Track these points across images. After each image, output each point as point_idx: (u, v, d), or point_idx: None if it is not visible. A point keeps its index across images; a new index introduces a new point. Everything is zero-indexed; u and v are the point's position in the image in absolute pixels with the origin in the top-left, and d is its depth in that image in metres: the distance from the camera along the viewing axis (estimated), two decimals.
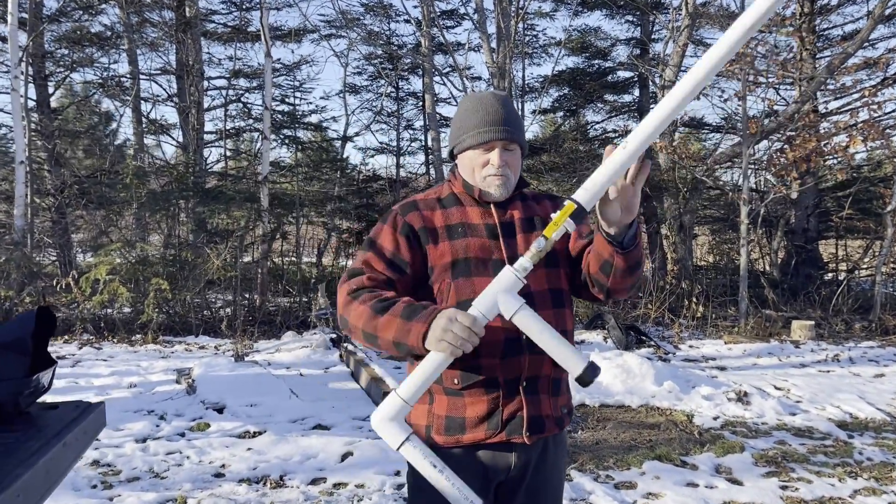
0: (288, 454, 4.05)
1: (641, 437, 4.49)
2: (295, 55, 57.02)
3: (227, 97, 13.43)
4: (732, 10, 11.97)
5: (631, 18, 14.27)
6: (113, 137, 15.94)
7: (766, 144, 10.32)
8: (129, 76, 12.49)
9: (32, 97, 11.15)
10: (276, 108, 13.33)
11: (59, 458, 1.56)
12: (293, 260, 11.19)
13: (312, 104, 25.46)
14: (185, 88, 11.70)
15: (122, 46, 12.40)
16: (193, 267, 8.33)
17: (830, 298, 9.49)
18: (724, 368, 6.64)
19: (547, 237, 1.46)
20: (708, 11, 11.83)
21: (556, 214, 1.46)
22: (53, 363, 1.72)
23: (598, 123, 16.09)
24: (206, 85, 12.50)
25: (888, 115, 10.07)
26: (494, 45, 11.37)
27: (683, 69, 12.26)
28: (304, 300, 9.33)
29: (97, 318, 7.91)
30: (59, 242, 9.90)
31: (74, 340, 7.52)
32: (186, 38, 11.10)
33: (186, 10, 11.48)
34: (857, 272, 11.33)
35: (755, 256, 12.17)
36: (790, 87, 11.65)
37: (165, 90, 13.03)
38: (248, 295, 9.29)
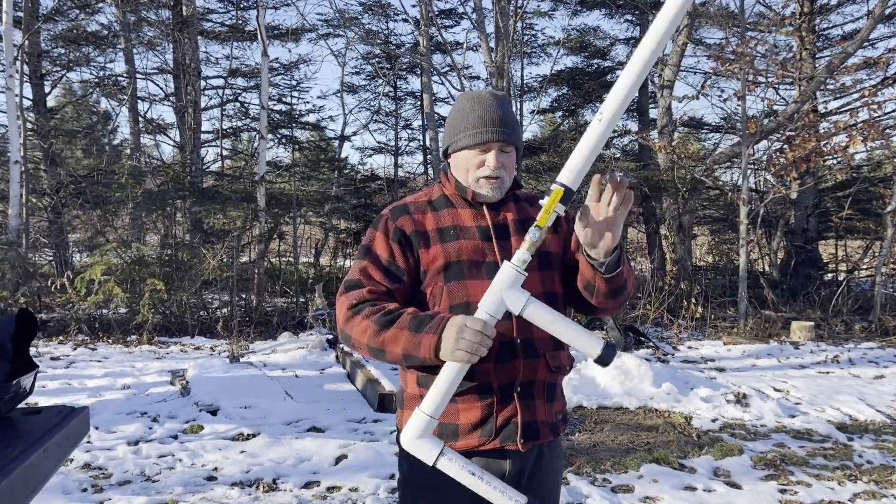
0: (281, 457, 4.01)
1: (639, 439, 4.45)
2: (292, 54, 56.96)
3: (222, 97, 13.38)
4: (731, 9, 11.94)
5: (630, 18, 14.22)
6: (112, 137, 15.89)
7: (765, 144, 10.29)
8: (125, 75, 12.44)
9: (29, 96, 11.12)
10: (273, 107, 13.28)
11: (39, 464, 1.52)
12: (290, 260, 11.15)
13: (310, 104, 25.31)
14: (181, 88, 11.65)
15: (118, 45, 12.35)
16: (189, 267, 8.29)
17: (830, 299, 9.46)
18: (723, 370, 6.60)
19: (541, 226, 1.44)
20: (707, 11, 11.80)
21: (545, 201, 1.44)
22: (35, 367, 1.68)
23: None
24: (203, 84, 12.45)
25: (888, 114, 10.04)
26: (493, 44, 11.32)
27: (683, 69, 12.25)
28: (301, 301, 9.29)
29: (92, 318, 7.86)
30: (55, 242, 9.85)
31: (69, 341, 7.47)
32: (183, 36, 11.05)
33: (183, 8, 11.43)
34: (856, 273, 11.30)
35: (754, 257, 12.14)
36: (790, 86, 11.63)
37: (162, 89, 12.99)
38: (244, 295, 9.25)
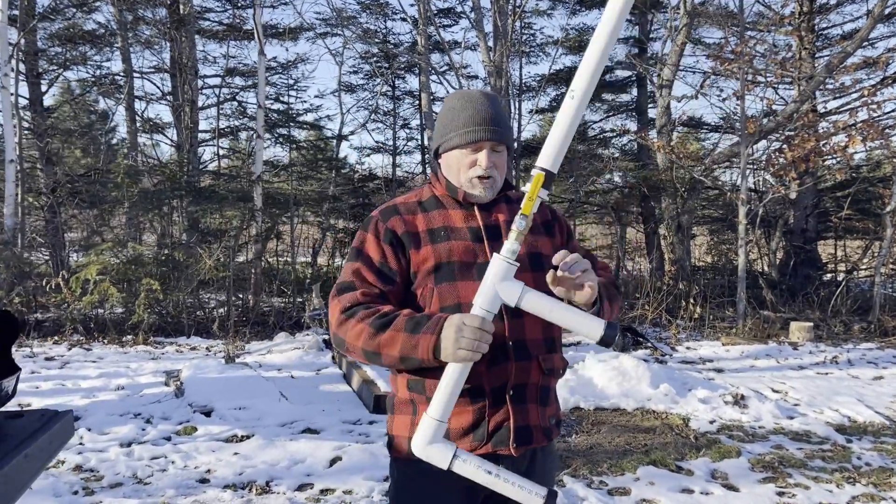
0: (275, 459, 3.97)
1: (636, 441, 4.41)
2: (290, 53, 56.81)
3: (219, 96, 13.33)
4: (731, 8, 11.91)
5: (629, 17, 14.14)
6: (111, 136, 15.83)
7: (764, 144, 10.26)
8: (122, 74, 12.40)
9: (25, 95, 11.08)
10: (270, 106, 13.25)
11: (19, 469, 1.49)
12: (287, 260, 11.11)
13: (307, 103, 25.27)
14: (178, 87, 11.60)
15: (115, 44, 12.30)
16: (186, 267, 8.25)
17: (829, 299, 9.42)
18: (721, 370, 6.56)
19: (526, 214, 1.42)
20: (706, 10, 11.76)
21: (527, 188, 1.43)
22: (17, 370, 1.65)
23: (595, 123, 16.05)
24: (200, 83, 12.41)
25: (887, 114, 10.00)
26: (491, 43, 11.28)
27: (682, 68, 12.21)
28: (298, 301, 9.25)
29: (87, 318, 7.82)
30: (51, 242, 9.80)
31: (64, 341, 7.43)
32: (180, 35, 11.00)
33: (181, 7, 11.39)
34: (856, 273, 11.27)
35: (753, 257, 12.09)
36: (789, 86, 11.59)
37: (160, 88, 12.95)
38: (241, 295, 9.21)
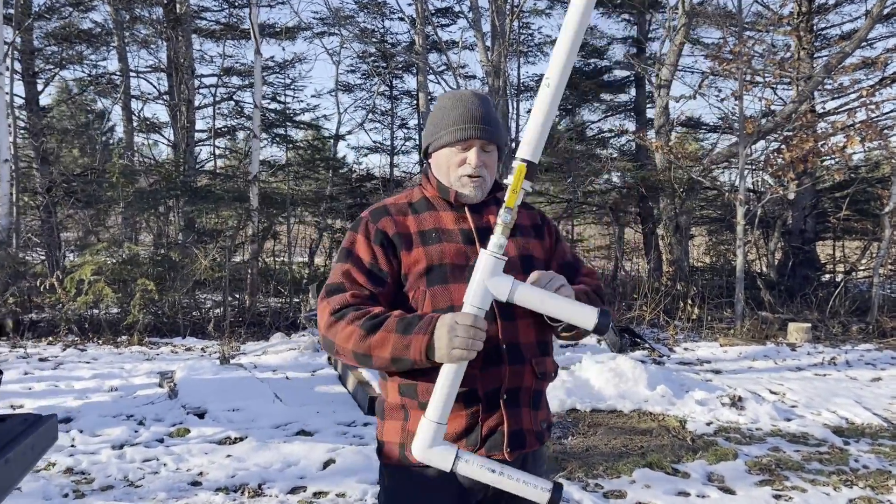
0: (268, 461, 3.94)
1: (633, 443, 4.38)
2: (287, 53, 56.73)
3: (215, 95, 13.28)
4: (729, 8, 11.88)
5: (627, 17, 14.15)
6: (109, 136, 15.78)
7: (763, 144, 10.24)
8: (119, 73, 12.35)
9: (21, 94, 11.02)
10: (267, 106, 13.20)
11: (0, 474, 1.46)
12: (284, 260, 11.07)
13: (304, 102, 25.24)
14: (175, 86, 11.56)
15: (111, 43, 12.25)
16: (181, 267, 8.21)
17: (827, 300, 9.40)
18: (719, 372, 6.53)
19: (510, 207, 1.41)
20: (704, 10, 11.73)
21: (510, 180, 1.42)
22: None
23: (594, 123, 16.03)
24: (196, 83, 12.36)
25: (886, 115, 9.98)
26: (489, 43, 11.25)
27: (680, 68, 12.18)
28: (294, 301, 9.21)
29: (82, 319, 7.77)
30: (47, 242, 9.75)
31: (59, 342, 7.39)
32: (177, 34, 10.96)
33: (177, 6, 11.34)
34: (854, 274, 11.26)
35: (752, 257, 12.07)
36: (787, 86, 11.56)
37: (156, 88, 12.90)
38: (237, 296, 9.17)
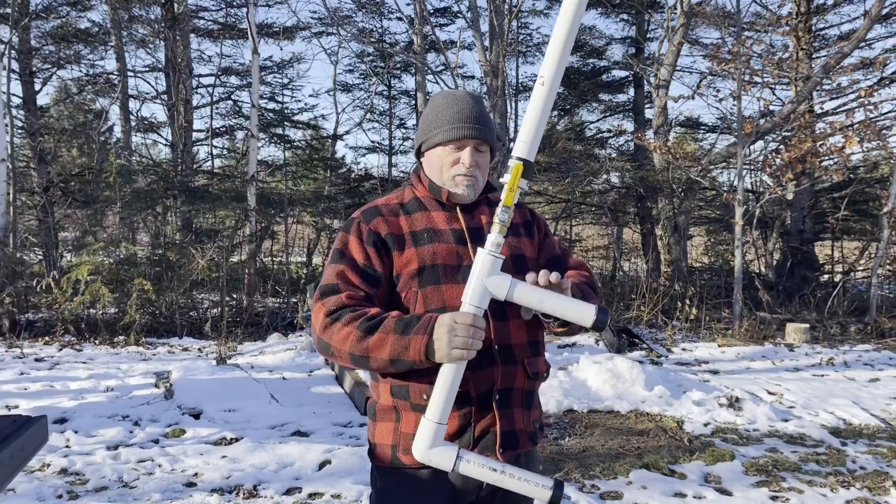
0: (264, 462, 3.92)
1: (630, 444, 4.37)
2: (285, 52, 56.61)
3: (212, 95, 13.26)
4: (728, 9, 11.87)
5: (626, 17, 14.14)
6: (108, 135, 15.73)
7: (761, 145, 10.23)
8: (116, 73, 12.32)
9: (19, 94, 11.00)
10: (264, 106, 13.17)
11: None
12: (282, 260, 11.05)
13: (302, 102, 25.22)
14: (173, 86, 11.53)
15: (109, 43, 12.23)
16: (178, 267, 8.19)
17: (826, 301, 9.39)
18: (716, 372, 6.52)
19: (508, 206, 1.42)
20: (703, 10, 11.72)
21: (506, 179, 1.42)
22: None
23: (592, 123, 16.02)
24: (194, 82, 12.34)
25: (884, 115, 9.98)
26: (487, 43, 11.23)
27: (679, 69, 12.17)
28: (292, 301, 9.19)
29: (79, 319, 7.74)
30: (44, 241, 9.73)
31: (55, 342, 7.36)
32: (175, 34, 10.93)
33: (175, 6, 11.32)
34: (852, 274, 11.25)
35: (750, 258, 12.07)
36: (786, 87, 11.55)
37: (154, 87, 12.88)
38: (234, 296, 9.14)
